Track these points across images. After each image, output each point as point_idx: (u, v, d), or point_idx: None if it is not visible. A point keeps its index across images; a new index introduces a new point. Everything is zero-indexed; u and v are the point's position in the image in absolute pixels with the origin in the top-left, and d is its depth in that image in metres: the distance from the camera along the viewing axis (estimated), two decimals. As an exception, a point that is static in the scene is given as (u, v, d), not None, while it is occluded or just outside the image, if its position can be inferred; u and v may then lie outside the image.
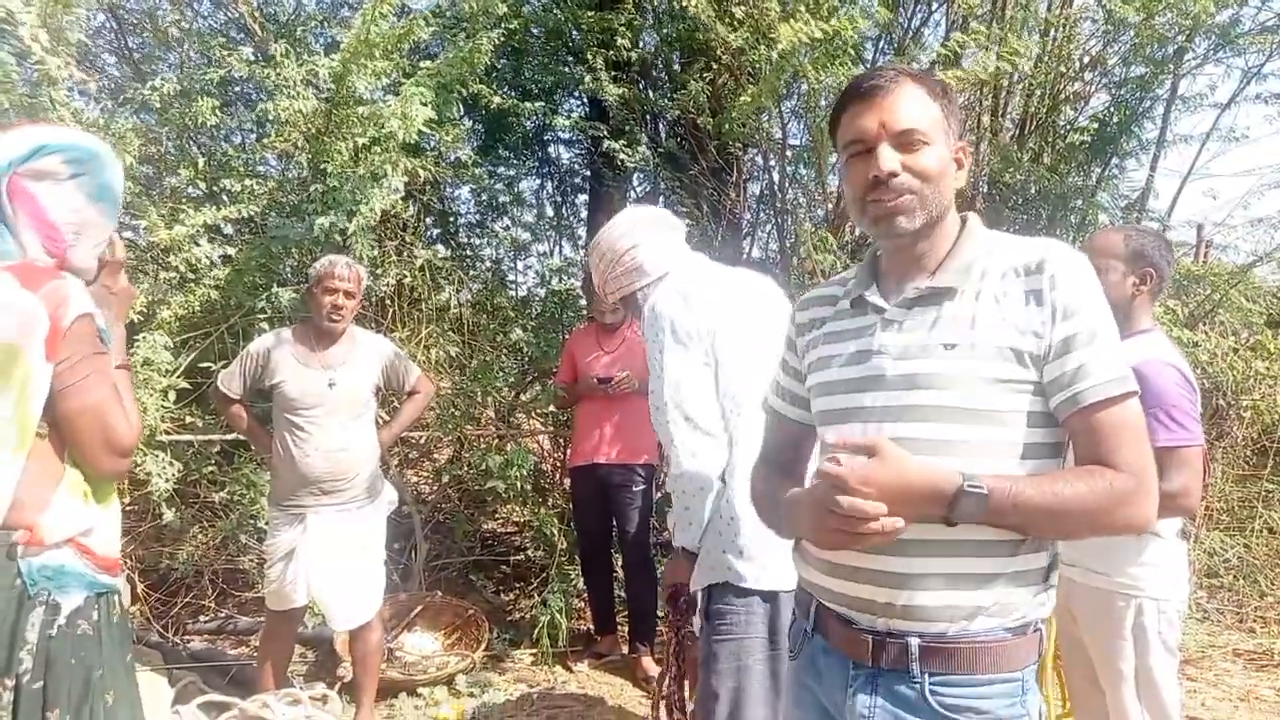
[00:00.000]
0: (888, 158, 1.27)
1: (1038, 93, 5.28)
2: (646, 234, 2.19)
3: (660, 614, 4.19)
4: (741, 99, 4.38)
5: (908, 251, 1.35)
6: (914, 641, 1.25)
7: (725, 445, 1.98)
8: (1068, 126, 5.32)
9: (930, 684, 1.24)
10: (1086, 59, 5.38)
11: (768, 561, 1.93)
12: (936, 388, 1.25)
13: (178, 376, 3.82)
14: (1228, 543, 5.00)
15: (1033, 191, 4.86)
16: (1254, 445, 5.44)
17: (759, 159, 5.76)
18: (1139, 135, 5.20)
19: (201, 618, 4.37)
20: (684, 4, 4.32)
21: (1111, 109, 5.16)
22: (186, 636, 4.21)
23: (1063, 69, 5.19)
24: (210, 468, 4.14)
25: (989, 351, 1.23)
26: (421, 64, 4.31)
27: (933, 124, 1.30)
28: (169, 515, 3.83)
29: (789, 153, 5.44)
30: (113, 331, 1.74)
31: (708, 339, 1.99)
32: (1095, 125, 5.08)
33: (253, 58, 4.49)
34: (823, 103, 4.81)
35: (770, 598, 1.94)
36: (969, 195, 5.27)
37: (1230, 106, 5.17)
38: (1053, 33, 5.13)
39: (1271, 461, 5.31)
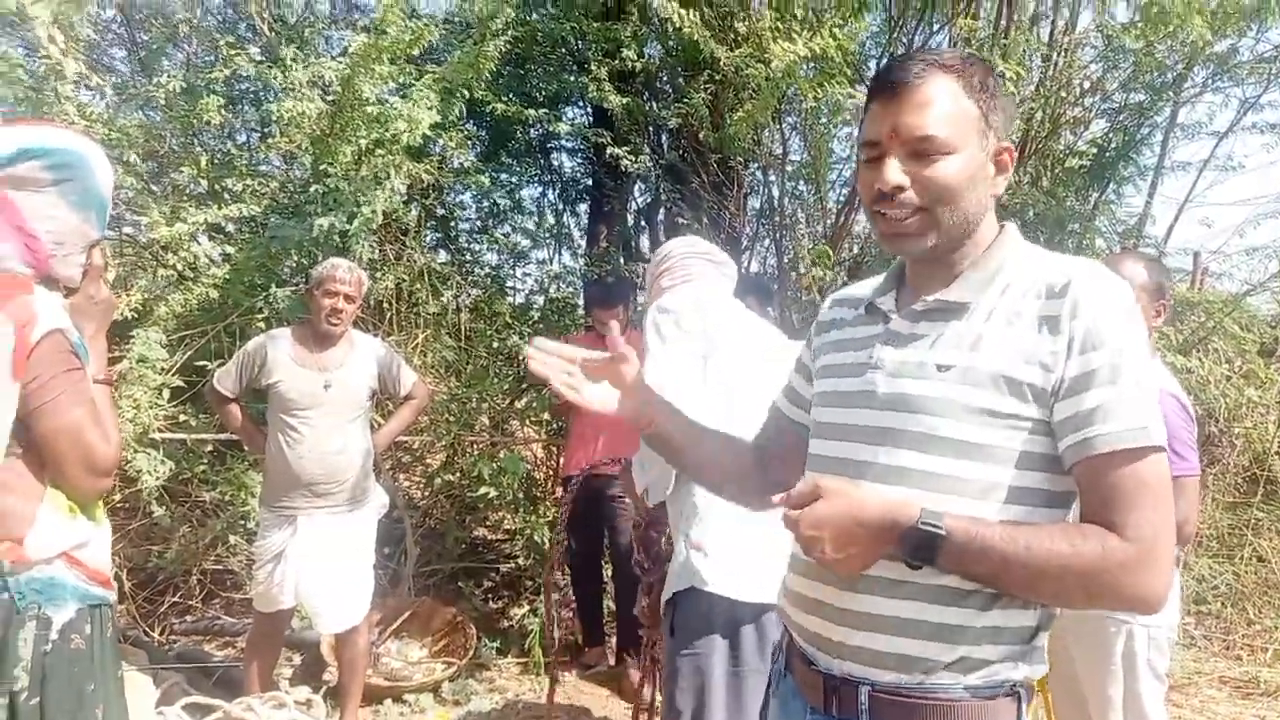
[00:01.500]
0: (892, 172, 1.12)
1: (1037, 116, 5.32)
2: (700, 262, 2.29)
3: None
4: (738, 115, 4.41)
5: (931, 264, 1.20)
6: (864, 690, 1.13)
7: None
8: (1067, 151, 5.35)
9: None
10: (1087, 84, 5.42)
11: (729, 564, 1.90)
12: (924, 412, 1.12)
13: (172, 374, 3.81)
14: (1217, 569, 5.02)
15: (1031, 215, 4.89)
16: (1245, 473, 5.47)
17: (759, 173, 5.79)
18: (1137, 161, 5.24)
19: (188, 618, 4.35)
20: (677, 25, 4.35)
21: (1110, 135, 5.20)
22: (172, 636, 4.19)
23: (1063, 93, 5.23)
24: (202, 467, 4.13)
25: (983, 378, 1.09)
26: (428, 69, 4.33)
27: (962, 127, 1.12)
28: (159, 513, 3.82)
29: (788, 168, 5.46)
30: (93, 345, 1.67)
31: (704, 334, 2.05)
32: (1094, 150, 5.11)
33: (260, 58, 4.50)
34: (822, 120, 4.84)
35: (731, 609, 1.89)
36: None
37: (1228, 135, 5.22)
38: (1054, 57, 5.17)
39: (1262, 489, 5.34)
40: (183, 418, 3.98)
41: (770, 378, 1.63)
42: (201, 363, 3.87)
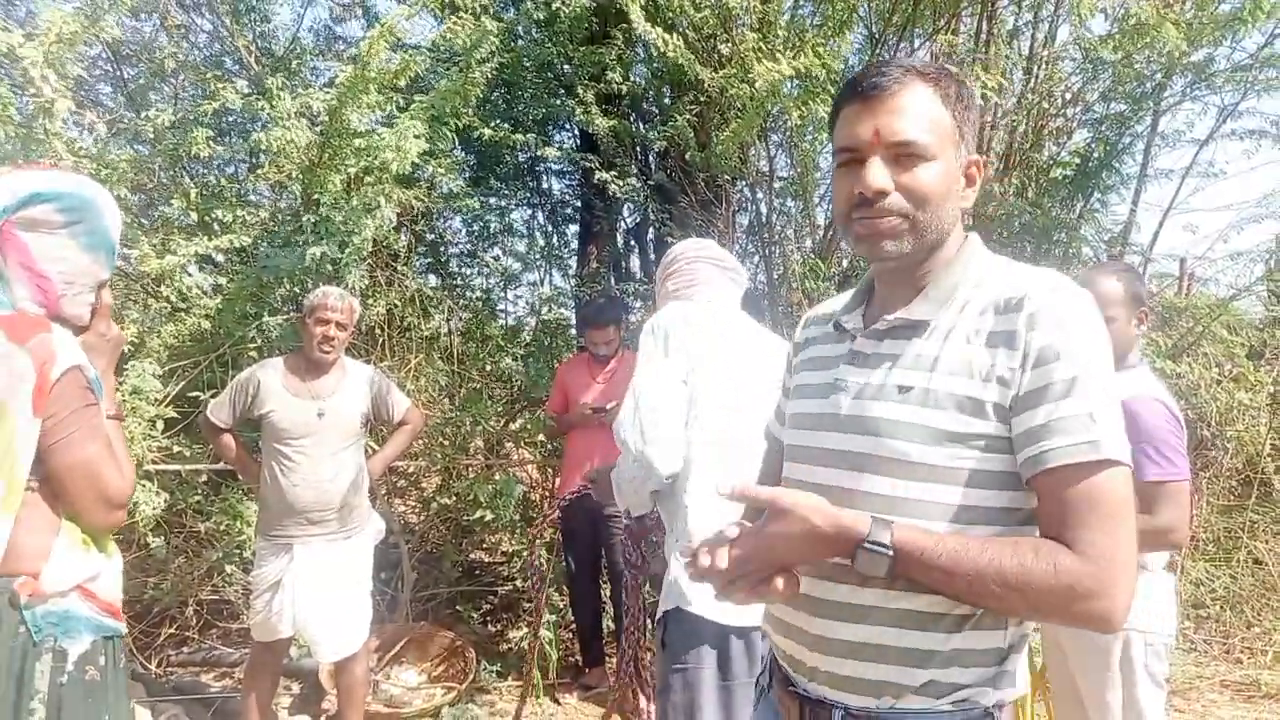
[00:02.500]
0: (877, 174, 1.10)
1: (1020, 127, 5.38)
2: (707, 267, 2.28)
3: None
4: (724, 134, 4.45)
5: (900, 275, 1.19)
6: (837, 713, 1.13)
7: (680, 449, 1.97)
8: (1050, 161, 5.41)
9: None
10: (1068, 95, 5.48)
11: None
12: (885, 435, 1.10)
13: (166, 406, 3.81)
14: (1214, 573, 5.03)
15: (1017, 225, 4.93)
16: (1239, 476, 5.50)
17: (747, 191, 5.83)
18: (1120, 170, 5.30)
19: (185, 649, 4.33)
20: (662, 49, 4.40)
21: (1093, 144, 5.26)
22: (170, 668, 4.16)
23: (1045, 105, 5.29)
24: (197, 497, 4.12)
25: (944, 399, 1.07)
26: (415, 97, 4.37)
27: (940, 135, 1.11)
28: (155, 544, 3.80)
29: (776, 185, 5.50)
30: (104, 380, 1.72)
31: (691, 360, 2.03)
32: (1077, 160, 5.17)
33: (247, 90, 4.54)
34: (807, 137, 4.89)
35: (718, 629, 1.91)
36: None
37: (1208, 143, 5.28)
38: (1035, 70, 5.24)
39: (1256, 492, 5.36)
40: (177, 449, 3.98)
41: (765, 390, 1.64)
42: (195, 393, 3.87)
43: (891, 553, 1.00)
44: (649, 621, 4.05)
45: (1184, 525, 2.14)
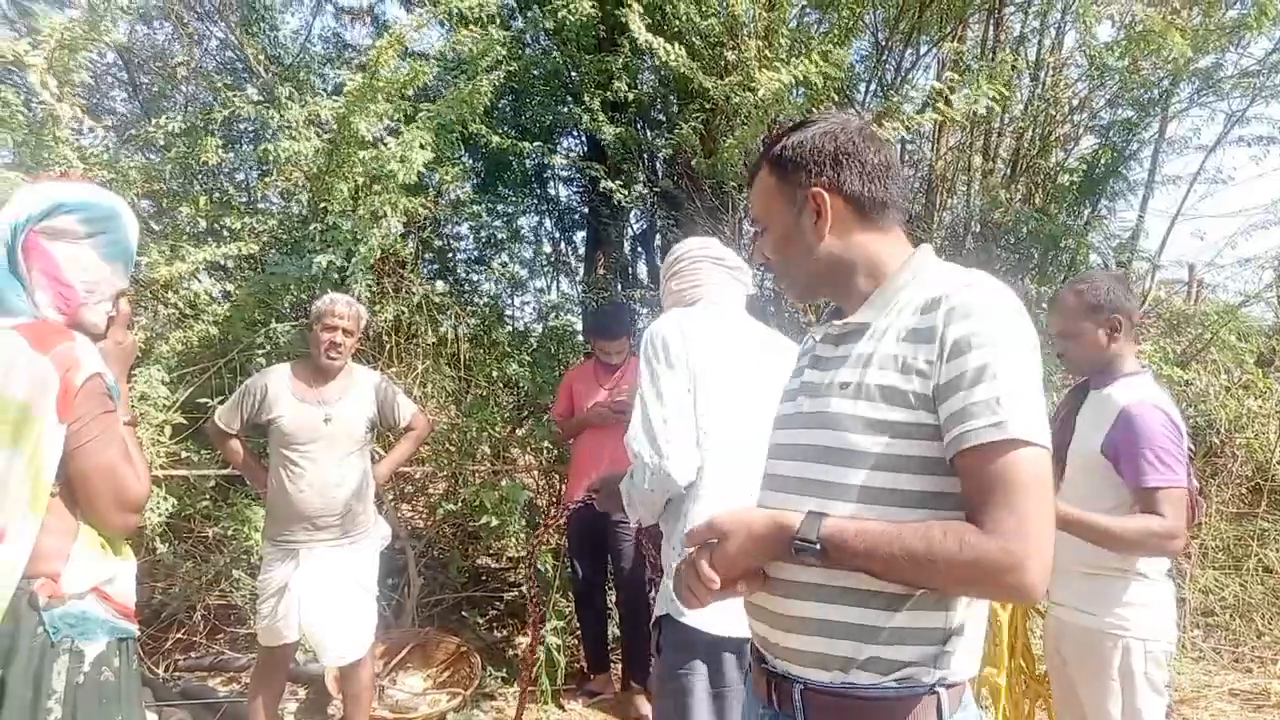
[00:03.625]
0: (758, 248, 1.38)
1: (1027, 134, 5.37)
2: (710, 268, 2.28)
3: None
4: (728, 142, 4.46)
5: (839, 297, 1.35)
6: (798, 687, 1.22)
7: (691, 462, 1.98)
8: (1057, 168, 5.41)
9: None
10: (1075, 102, 5.48)
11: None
12: (828, 428, 1.21)
13: (174, 411, 3.84)
14: (1223, 581, 5.00)
15: (1024, 232, 4.93)
16: (1248, 483, 5.46)
17: (753, 198, 5.83)
18: (1127, 177, 5.29)
19: (192, 654, 4.35)
20: (664, 59, 4.42)
21: (1100, 151, 5.25)
22: (177, 673, 4.19)
23: (1051, 111, 5.29)
24: (204, 503, 4.15)
25: (874, 392, 1.18)
26: (423, 105, 4.40)
27: (769, 205, 1.35)
28: (162, 550, 3.83)
29: (781, 192, 5.49)
30: (119, 387, 1.76)
31: (691, 369, 2.03)
32: (1084, 167, 5.16)
33: (257, 97, 4.58)
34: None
35: (709, 639, 1.93)
36: (960, 235, 5.34)
37: (1216, 149, 5.26)
38: (1042, 76, 5.24)
39: (1266, 500, 5.33)
40: (185, 454, 4.01)
41: (771, 393, 1.63)
42: (203, 399, 3.90)
43: (818, 546, 1.11)
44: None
45: (1181, 531, 2.13)
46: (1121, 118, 5.14)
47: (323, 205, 4.03)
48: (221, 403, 3.42)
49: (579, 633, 4.48)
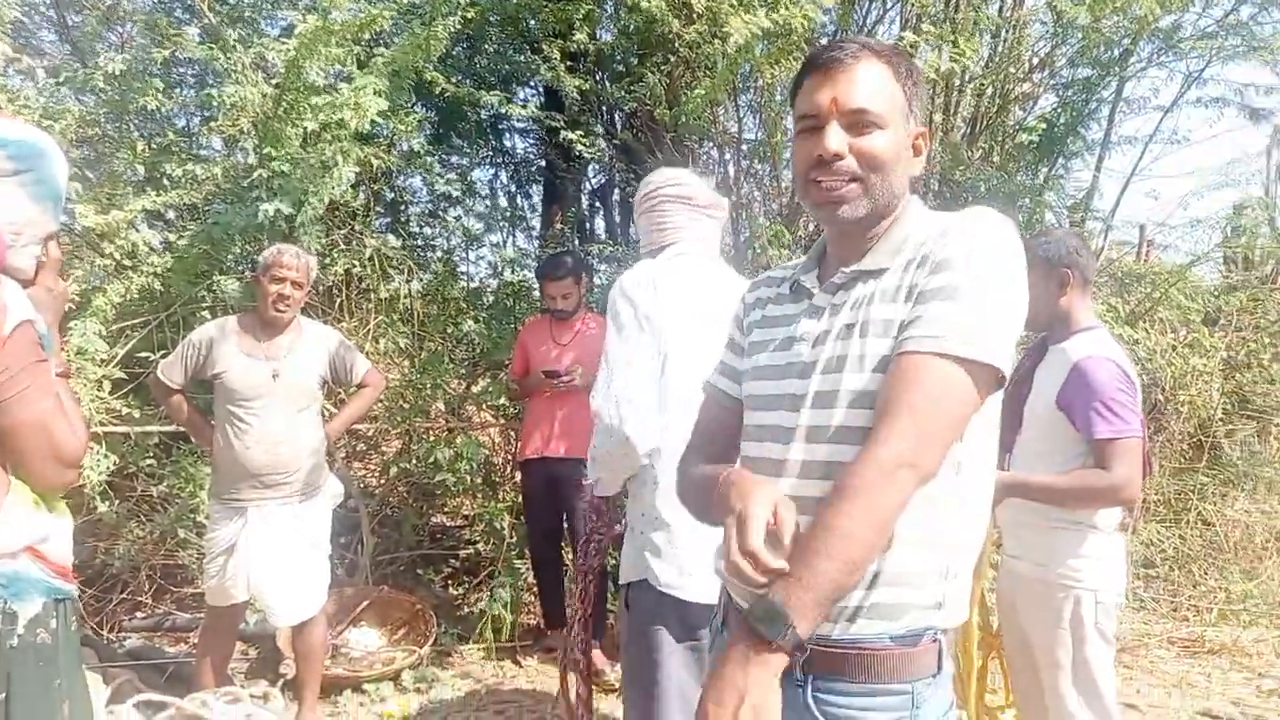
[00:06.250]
0: (834, 138, 1.19)
1: (988, 92, 5.36)
2: (679, 210, 2.20)
3: (611, 607, 4.19)
4: (695, 92, 4.37)
5: (851, 237, 1.28)
6: None
7: (657, 424, 1.96)
8: (1017, 126, 5.41)
9: (813, 689, 1.18)
10: (1035, 60, 5.47)
11: (686, 567, 1.94)
12: (834, 371, 1.20)
13: (114, 366, 3.71)
14: (1164, 534, 5.14)
15: (982, 189, 4.93)
16: (1190, 440, 5.61)
17: (714, 153, 5.77)
18: (1084, 136, 5.32)
19: (139, 614, 4.26)
20: (633, 3, 4.29)
21: (1059, 110, 5.26)
22: (123, 634, 4.10)
23: (1012, 69, 5.27)
24: (148, 460, 4.03)
25: (878, 329, 1.18)
26: (376, 50, 4.23)
27: (891, 106, 1.21)
28: (103, 509, 3.72)
29: (744, 147, 5.44)
30: (52, 336, 1.66)
31: (663, 330, 2.00)
32: (1043, 126, 5.17)
33: (199, 39, 4.36)
34: (777, 97, 4.83)
35: (681, 603, 1.95)
36: (921, 194, 5.34)
37: (1172, 110, 5.31)
38: (1003, 34, 5.21)
39: (1206, 455, 5.48)
40: (126, 410, 3.87)
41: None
42: (145, 354, 3.76)
43: (802, 638, 1.05)
44: (610, 584, 4.07)
45: (1136, 482, 2.16)
46: (1081, 77, 5.15)
47: (268, 152, 3.87)
48: (164, 357, 3.30)
49: (535, 589, 4.48)
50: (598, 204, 6.87)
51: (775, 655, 1.04)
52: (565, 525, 4.25)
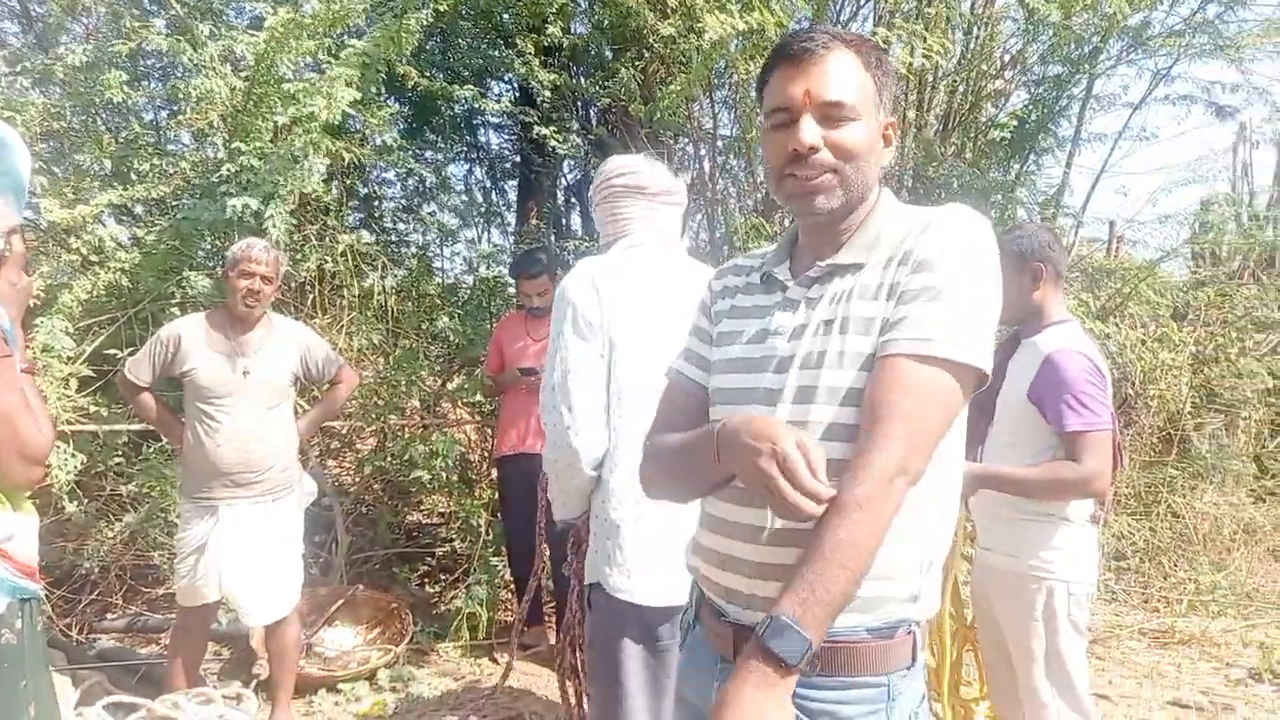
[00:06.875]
0: (809, 131, 1.17)
1: (960, 89, 5.40)
2: (630, 200, 2.10)
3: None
4: (670, 88, 4.37)
5: (825, 229, 1.26)
6: None
7: (604, 434, 1.95)
8: (989, 123, 5.45)
9: None
10: (1007, 57, 5.52)
11: (639, 576, 1.92)
12: (812, 367, 1.18)
13: (81, 364, 3.64)
14: (1134, 526, 5.21)
15: (955, 185, 4.97)
16: (1159, 433, 5.69)
17: (690, 148, 5.77)
18: (1055, 133, 5.37)
19: (109, 615, 4.19)
20: None
21: (1030, 107, 5.31)
22: (93, 635, 4.03)
23: (984, 66, 5.31)
24: (117, 459, 3.96)
25: (859, 326, 1.17)
26: (347, 41, 4.17)
27: (863, 97, 1.20)
28: (71, 509, 3.66)
29: (720, 143, 5.44)
30: (15, 330, 1.62)
31: (607, 331, 1.95)
32: (1015, 122, 5.22)
33: (166, 31, 4.29)
34: (752, 94, 4.83)
35: (638, 610, 1.93)
36: (894, 189, 5.37)
37: (1141, 107, 5.37)
38: (975, 31, 5.25)
39: (1176, 448, 5.56)
40: (94, 408, 3.81)
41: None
42: (112, 351, 3.70)
43: (813, 646, 1.05)
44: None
45: (1105, 474, 2.19)
46: (1052, 74, 5.20)
47: (237, 147, 3.82)
48: (132, 355, 3.24)
49: (511, 586, 4.46)
50: (573, 199, 6.85)
51: (791, 677, 1.04)
52: (542, 521, 4.22)
